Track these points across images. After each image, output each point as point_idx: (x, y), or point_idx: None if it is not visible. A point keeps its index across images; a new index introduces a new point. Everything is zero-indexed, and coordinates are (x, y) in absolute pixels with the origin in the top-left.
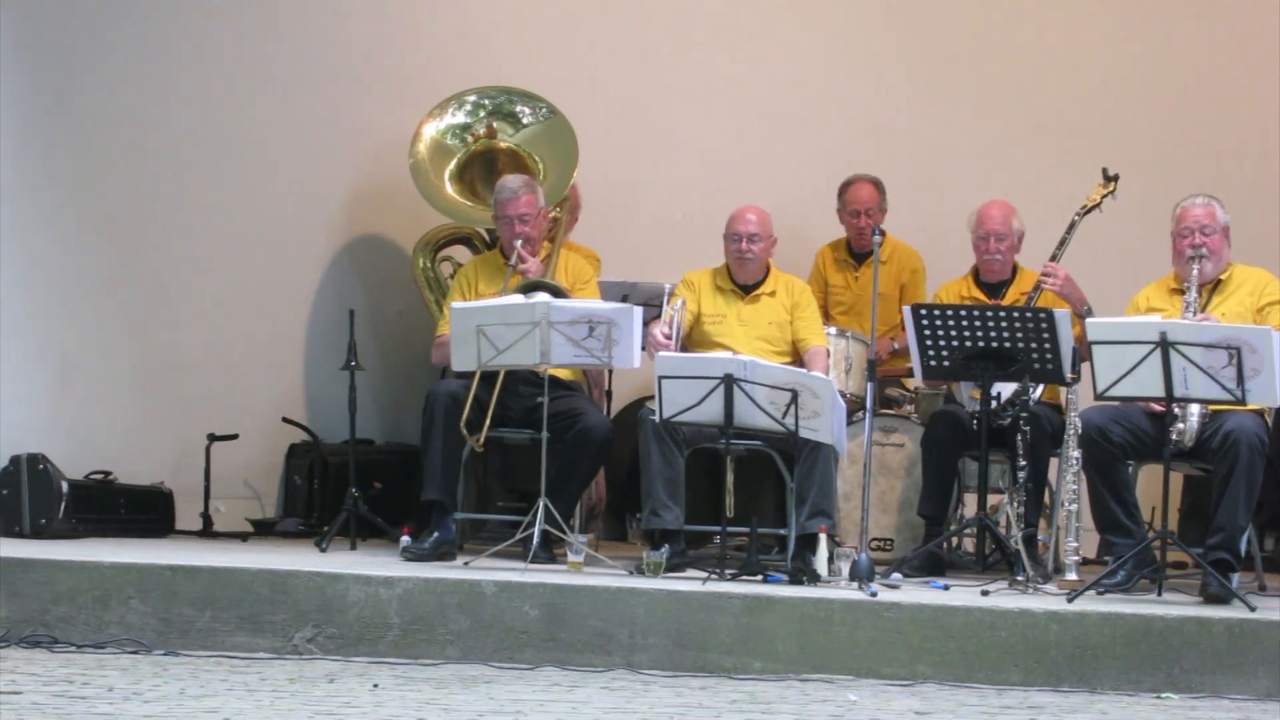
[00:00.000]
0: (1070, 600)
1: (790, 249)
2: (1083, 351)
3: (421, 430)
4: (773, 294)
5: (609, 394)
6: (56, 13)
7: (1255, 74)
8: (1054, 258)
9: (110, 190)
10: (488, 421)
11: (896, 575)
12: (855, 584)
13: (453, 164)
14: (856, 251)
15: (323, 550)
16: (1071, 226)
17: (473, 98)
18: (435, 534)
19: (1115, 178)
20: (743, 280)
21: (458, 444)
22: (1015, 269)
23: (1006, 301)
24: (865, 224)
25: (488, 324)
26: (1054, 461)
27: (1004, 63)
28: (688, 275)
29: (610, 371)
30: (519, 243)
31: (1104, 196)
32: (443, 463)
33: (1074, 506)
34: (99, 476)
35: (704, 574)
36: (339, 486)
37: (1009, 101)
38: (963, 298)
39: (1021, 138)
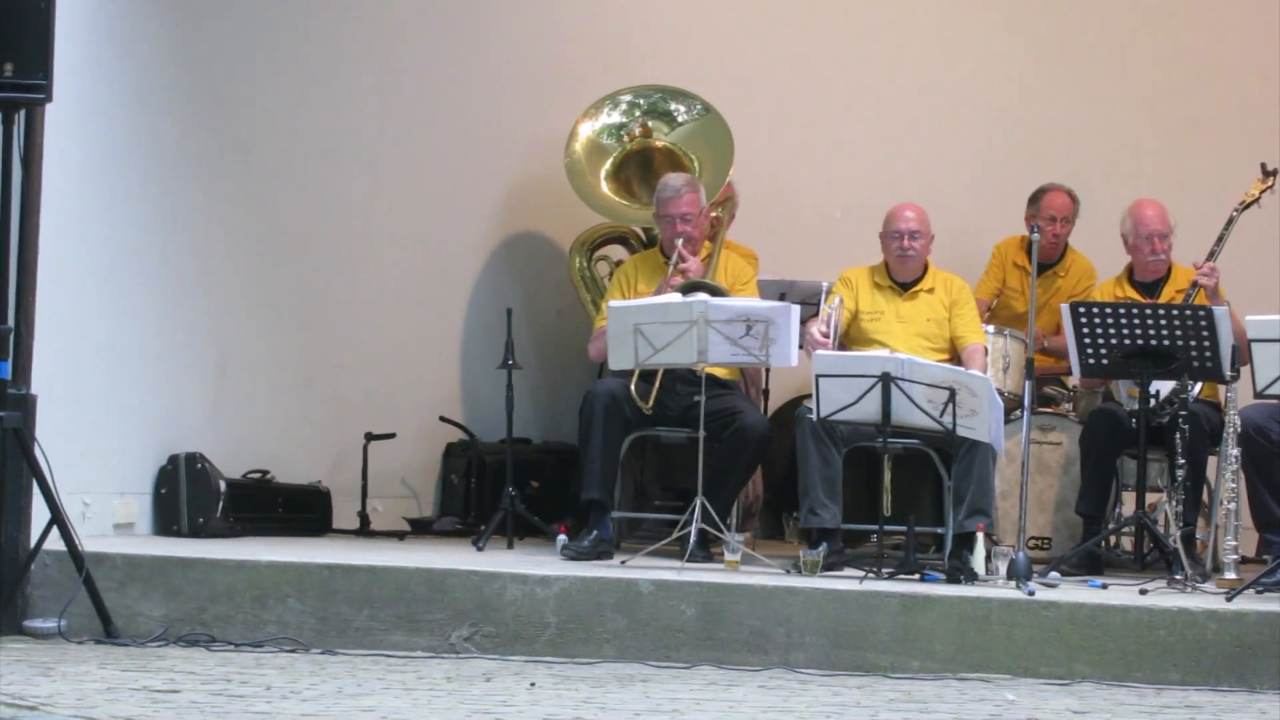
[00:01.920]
0: (1229, 599)
1: (947, 247)
2: (1243, 355)
3: (580, 429)
4: (931, 291)
5: (766, 392)
6: (213, 16)
7: None
8: (1211, 255)
9: (268, 191)
10: (655, 389)
11: (1054, 574)
12: (1013, 583)
13: (609, 163)
14: (1041, 261)
15: (480, 549)
16: (1230, 223)
17: (628, 97)
18: (594, 532)
19: (1275, 172)
20: (902, 278)
21: (616, 443)
22: (1170, 267)
23: (1162, 300)
24: (1061, 231)
25: (645, 323)
26: (1212, 460)
27: (1157, 56)
28: (845, 273)
29: (767, 370)
30: (680, 242)
31: (1263, 191)
32: (602, 462)
33: (1233, 505)
34: (257, 475)
35: (861, 573)
36: (496, 485)
37: (1163, 95)
38: (1117, 297)
39: (1177, 132)
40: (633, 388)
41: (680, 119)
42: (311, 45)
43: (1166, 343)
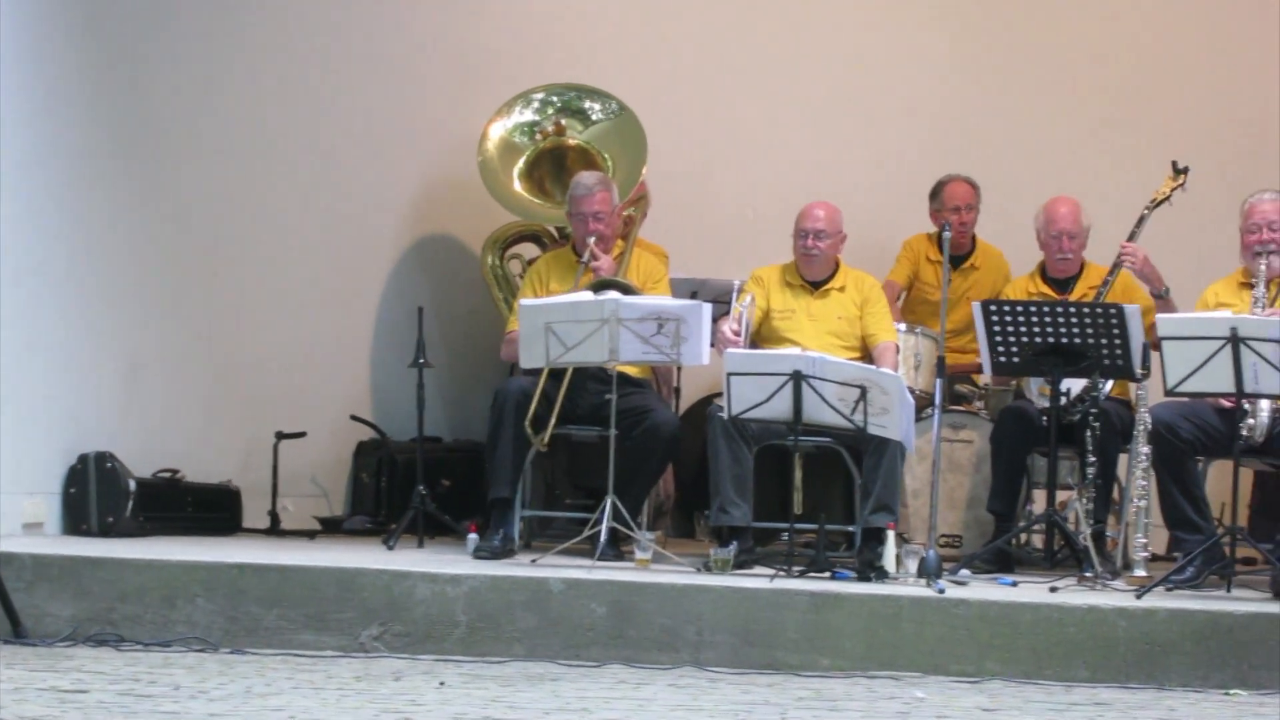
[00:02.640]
0: (1139, 597)
1: (861, 246)
2: (1152, 341)
3: (489, 427)
4: (842, 289)
5: (677, 391)
6: (120, 19)
7: None
8: (1131, 238)
9: (177, 191)
10: (553, 420)
11: (964, 572)
12: (923, 581)
13: (521, 162)
14: (952, 254)
15: (390, 548)
16: (1141, 220)
17: (541, 95)
18: (503, 531)
19: (1185, 170)
20: (811, 276)
21: (526, 441)
22: (1083, 265)
23: (1074, 297)
24: (967, 219)
25: (556, 321)
26: (1123, 457)
27: (1072, 56)
28: (756, 271)
29: (679, 368)
30: (592, 240)
31: (1174, 190)
32: (511, 460)
33: (1143, 503)
34: (166, 475)
35: (771, 571)
36: (407, 484)
37: (1077, 95)
38: (1030, 294)
39: (1090, 131)
40: (527, 424)
41: (594, 117)
42: (220, 46)
43: (1078, 340)
